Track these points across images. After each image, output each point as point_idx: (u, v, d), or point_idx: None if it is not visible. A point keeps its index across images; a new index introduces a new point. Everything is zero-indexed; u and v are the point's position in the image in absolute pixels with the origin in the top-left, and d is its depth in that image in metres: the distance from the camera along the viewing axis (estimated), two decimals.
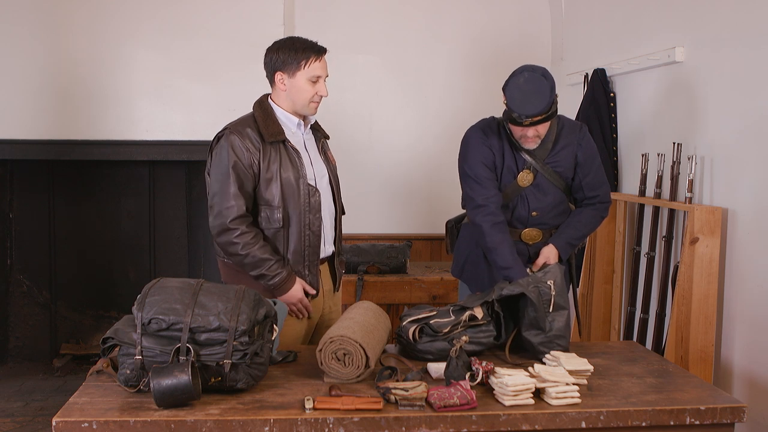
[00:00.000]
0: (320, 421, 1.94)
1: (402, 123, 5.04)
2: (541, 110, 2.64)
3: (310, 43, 2.65)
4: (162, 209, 5.08)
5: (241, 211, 2.54)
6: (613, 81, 4.12)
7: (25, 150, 4.52)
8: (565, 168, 2.85)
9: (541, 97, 2.63)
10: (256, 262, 2.54)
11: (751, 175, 2.99)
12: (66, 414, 1.92)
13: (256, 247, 2.53)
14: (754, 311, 2.98)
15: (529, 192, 2.84)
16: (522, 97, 2.64)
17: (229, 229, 2.53)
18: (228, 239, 2.54)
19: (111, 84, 4.51)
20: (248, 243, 2.53)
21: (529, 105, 2.63)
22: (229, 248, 2.56)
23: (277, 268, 2.55)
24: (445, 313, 2.45)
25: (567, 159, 2.84)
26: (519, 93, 2.64)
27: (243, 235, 2.52)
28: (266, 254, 2.54)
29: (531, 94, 2.63)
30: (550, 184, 2.84)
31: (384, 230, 5.03)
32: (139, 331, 2.04)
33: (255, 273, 2.56)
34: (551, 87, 2.65)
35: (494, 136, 2.85)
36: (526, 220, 2.87)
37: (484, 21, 5.02)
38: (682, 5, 3.47)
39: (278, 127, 2.63)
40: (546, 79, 2.66)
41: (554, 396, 2.05)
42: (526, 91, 2.63)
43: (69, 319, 5.05)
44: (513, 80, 2.69)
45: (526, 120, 2.65)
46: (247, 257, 2.53)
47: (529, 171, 2.82)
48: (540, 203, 2.85)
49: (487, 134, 2.86)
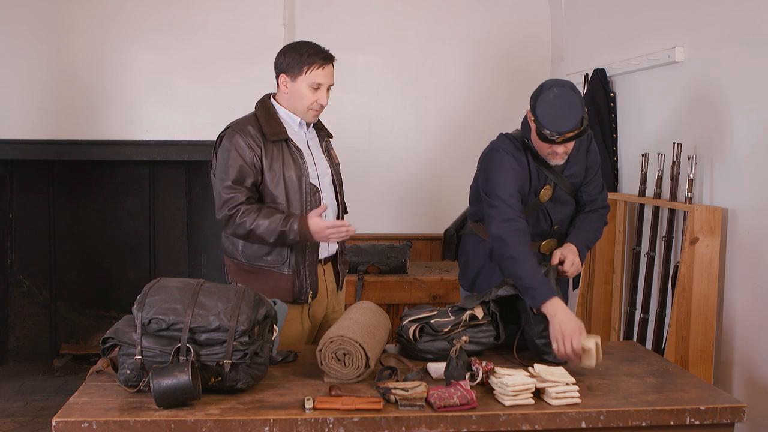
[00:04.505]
0: (320, 421, 1.94)
1: (402, 123, 5.04)
2: (575, 126, 2.53)
3: (319, 50, 2.64)
4: (162, 209, 5.07)
5: (241, 199, 2.54)
6: (613, 81, 4.12)
7: (25, 150, 4.51)
8: (579, 178, 2.80)
9: (574, 112, 2.53)
10: (268, 226, 2.51)
11: (751, 175, 2.99)
12: (66, 414, 1.92)
13: (261, 215, 2.52)
14: (754, 311, 2.98)
15: (549, 206, 2.76)
16: (555, 113, 2.53)
17: (232, 214, 2.53)
18: (235, 222, 2.53)
19: (111, 84, 4.51)
20: (254, 217, 2.51)
21: (563, 121, 2.52)
22: (239, 230, 2.54)
23: (287, 220, 2.52)
24: (445, 313, 2.45)
25: (580, 169, 2.79)
26: (551, 109, 2.53)
27: (245, 212, 2.52)
28: (273, 214, 2.53)
29: (564, 110, 2.52)
30: (566, 195, 2.78)
31: (384, 230, 5.03)
32: (139, 331, 2.04)
33: (274, 238, 2.53)
34: (582, 101, 2.56)
35: (523, 156, 2.72)
36: (548, 234, 2.81)
37: (485, 21, 5.02)
38: (682, 5, 3.47)
39: (280, 126, 2.63)
40: (575, 93, 2.56)
41: (554, 396, 2.05)
42: (558, 106, 2.53)
43: (69, 319, 5.05)
44: (543, 96, 2.57)
45: (559, 137, 2.54)
46: (259, 228, 2.51)
47: (550, 186, 2.74)
48: (560, 216, 2.79)
49: (517, 158, 2.71)
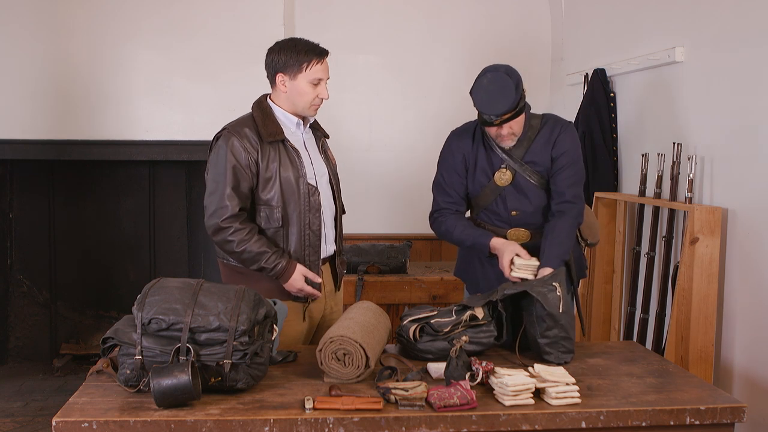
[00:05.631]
0: (320, 421, 1.94)
1: (402, 123, 5.04)
2: (508, 107, 2.65)
3: (312, 45, 2.64)
4: (162, 209, 5.08)
5: (234, 210, 2.54)
6: (613, 81, 4.12)
7: (25, 150, 4.52)
8: (544, 167, 2.80)
9: (506, 94, 2.64)
10: (254, 257, 2.54)
11: (751, 175, 2.99)
12: (66, 414, 1.92)
13: (252, 242, 2.54)
14: (754, 311, 2.98)
15: (508, 191, 2.82)
16: (488, 97, 2.66)
17: (223, 228, 2.54)
18: (223, 238, 2.55)
19: (111, 84, 4.51)
20: (243, 239, 2.53)
21: (495, 104, 2.65)
22: (226, 246, 2.57)
23: (276, 258, 2.55)
24: (447, 312, 2.45)
25: (544, 157, 2.80)
26: (484, 94, 2.67)
27: (237, 232, 2.53)
28: (263, 247, 2.55)
29: (496, 93, 2.65)
30: (530, 184, 2.80)
31: (384, 230, 5.03)
32: (139, 331, 2.04)
33: (255, 267, 2.56)
34: (516, 83, 2.66)
35: (468, 138, 2.88)
36: (507, 220, 2.84)
37: (484, 21, 5.02)
38: (682, 5, 3.47)
39: (277, 127, 2.63)
40: (509, 76, 2.67)
41: (554, 396, 2.05)
42: (490, 90, 2.66)
43: (69, 319, 5.05)
44: (477, 83, 2.72)
45: (496, 119, 2.67)
46: (244, 253, 2.54)
47: (506, 170, 2.80)
48: (520, 203, 2.82)
49: (461, 137, 2.89)
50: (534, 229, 2.84)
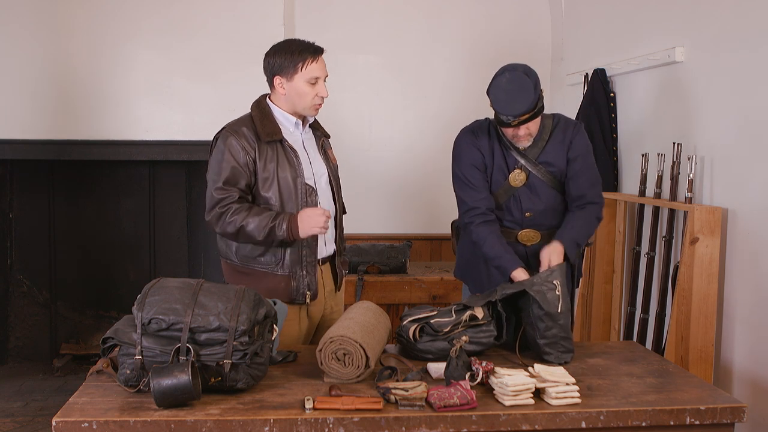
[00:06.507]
0: (320, 421, 1.94)
1: (402, 123, 5.05)
2: (527, 108, 2.61)
3: (307, 44, 2.64)
4: (162, 209, 5.08)
5: (233, 198, 2.55)
6: (613, 81, 4.12)
7: (25, 150, 4.52)
8: (558, 168, 2.80)
9: (525, 94, 2.61)
10: (259, 225, 2.52)
11: (751, 175, 2.99)
12: (66, 414, 1.92)
13: (252, 213, 2.52)
14: (754, 311, 2.98)
15: (522, 192, 2.81)
16: (506, 97, 2.62)
17: (223, 212, 2.53)
18: (225, 221, 2.54)
19: (111, 84, 4.51)
20: (243, 214, 2.52)
21: (514, 105, 2.61)
22: (229, 228, 2.54)
23: (276, 217, 2.53)
24: (447, 312, 2.45)
25: (559, 158, 2.80)
26: (503, 94, 2.63)
27: (235, 211, 2.53)
28: (262, 213, 2.54)
29: (515, 94, 2.61)
30: (543, 184, 2.80)
31: (384, 230, 5.03)
32: (139, 331, 2.04)
33: (264, 235, 2.53)
34: (534, 84, 2.63)
35: (484, 136, 2.83)
36: (520, 221, 2.84)
37: (484, 21, 5.03)
38: (682, 5, 3.47)
39: (275, 127, 2.63)
40: (528, 76, 2.63)
41: (554, 396, 2.05)
42: (509, 90, 2.62)
43: (69, 319, 5.05)
44: (495, 82, 2.67)
45: (514, 120, 2.64)
46: (249, 225, 2.52)
47: (521, 170, 2.79)
48: (533, 204, 2.81)
49: (476, 135, 2.84)
50: (545, 230, 2.84)
